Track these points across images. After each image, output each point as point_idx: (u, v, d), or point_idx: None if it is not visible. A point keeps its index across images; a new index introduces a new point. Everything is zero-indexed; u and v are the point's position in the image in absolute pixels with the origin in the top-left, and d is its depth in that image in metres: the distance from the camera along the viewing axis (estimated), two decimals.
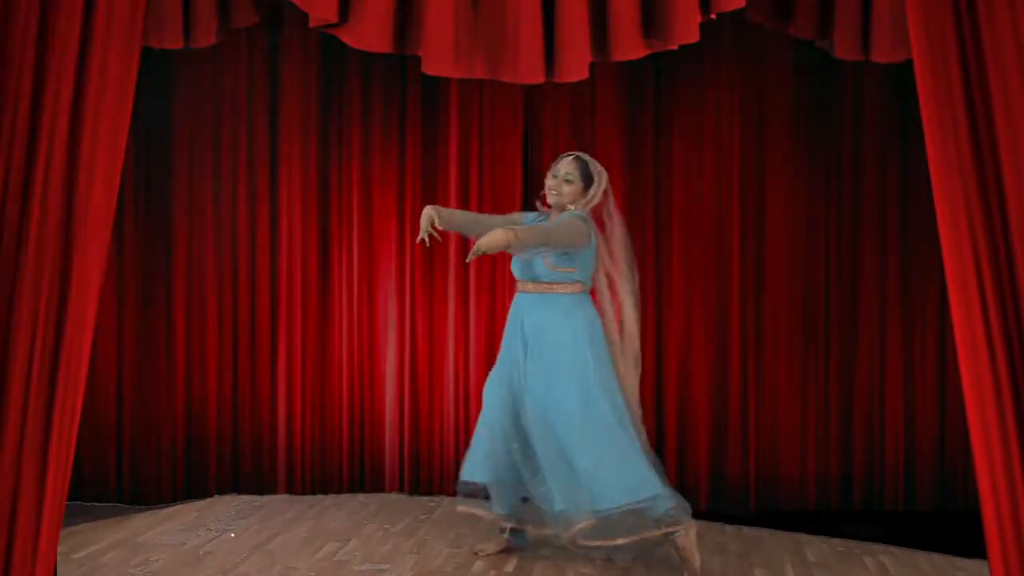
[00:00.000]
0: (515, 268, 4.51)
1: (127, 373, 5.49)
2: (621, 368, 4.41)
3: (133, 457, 5.49)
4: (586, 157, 4.47)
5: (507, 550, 4.59)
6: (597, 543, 4.26)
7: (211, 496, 5.53)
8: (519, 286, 4.50)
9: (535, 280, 4.42)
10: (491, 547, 4.59)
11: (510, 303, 4.68)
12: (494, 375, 4.53)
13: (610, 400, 4.29)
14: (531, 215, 4.59)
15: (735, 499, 5.43)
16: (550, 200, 4.45)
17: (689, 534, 4.27)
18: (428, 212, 4.38)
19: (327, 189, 5.65)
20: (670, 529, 4.24)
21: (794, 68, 5.40)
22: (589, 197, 4.41)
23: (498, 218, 4.60)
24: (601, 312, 4.45)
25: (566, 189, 4.40)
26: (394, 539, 4.80)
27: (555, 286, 4.39)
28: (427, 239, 4.38)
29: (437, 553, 4.59)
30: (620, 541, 4.25)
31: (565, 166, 4.42)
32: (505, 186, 5.55)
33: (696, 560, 4.27)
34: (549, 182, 4.44)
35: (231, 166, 5.59)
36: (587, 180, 4.42)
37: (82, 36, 3.18)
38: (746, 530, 4.99)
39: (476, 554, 4.56)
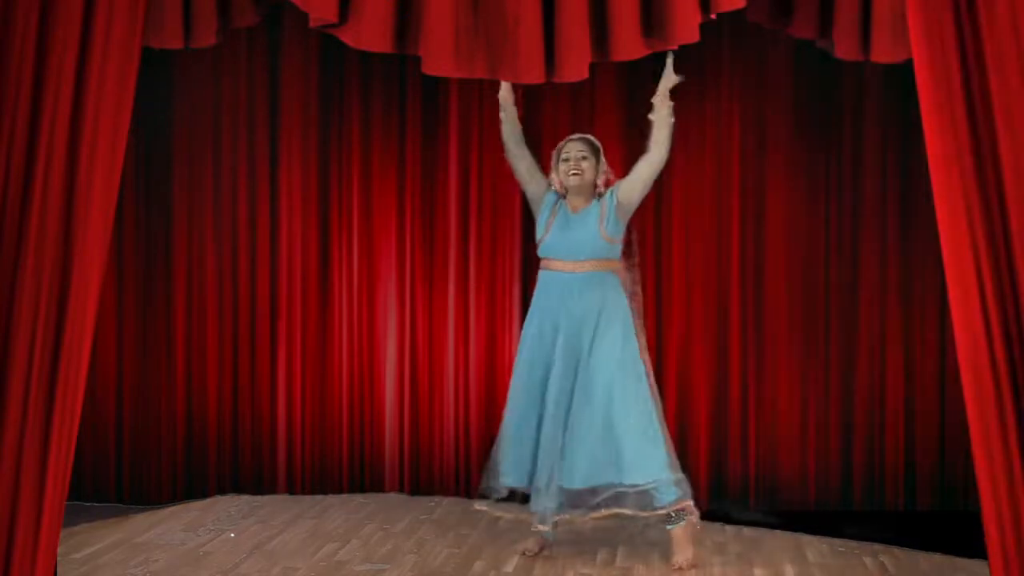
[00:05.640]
0: (558, 247, 4.46)
1: (127, 373, 5.49)
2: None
3: (133, 457, 5.50)
4: (586, 135, 4.56)
5: (541, 547, 4.52)
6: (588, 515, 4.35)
7: (211, 496, 5.54)
8: (557, 265, 4.46)
9: (588, 257, 4.42)
10: (533, 545, 4.50)
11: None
12: (528, 361, 4.48)
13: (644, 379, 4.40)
14: (551, 196, 4.57)
15: (735, 499, 5.43)
16: (572, 181, 4.46)
17: (691, 523, 4.34)
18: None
19: (327, 189, 5.65)
20: (673, 508, 4.29)
21: (794, 68, 5.40)
22: (604, 168, 4.52)
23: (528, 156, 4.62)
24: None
25: (585, 165, 4.46)
26: (394, 539, 4.80)
27: (606, 263, 4.45)
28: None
29: (437, 553, 4.59)
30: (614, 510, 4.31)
31: (575, 146, 4.49)
32: (505, 186, 5.54)
33: (689, 552, 4.32)
34: (564, 166, 4.46)
35: (231, 166, 5.59)
36: (596, 154, 4.51)
37: (82, 36, 3.18)
38: (746, 530, 4.99)
39: (523, 553, 4.47)
